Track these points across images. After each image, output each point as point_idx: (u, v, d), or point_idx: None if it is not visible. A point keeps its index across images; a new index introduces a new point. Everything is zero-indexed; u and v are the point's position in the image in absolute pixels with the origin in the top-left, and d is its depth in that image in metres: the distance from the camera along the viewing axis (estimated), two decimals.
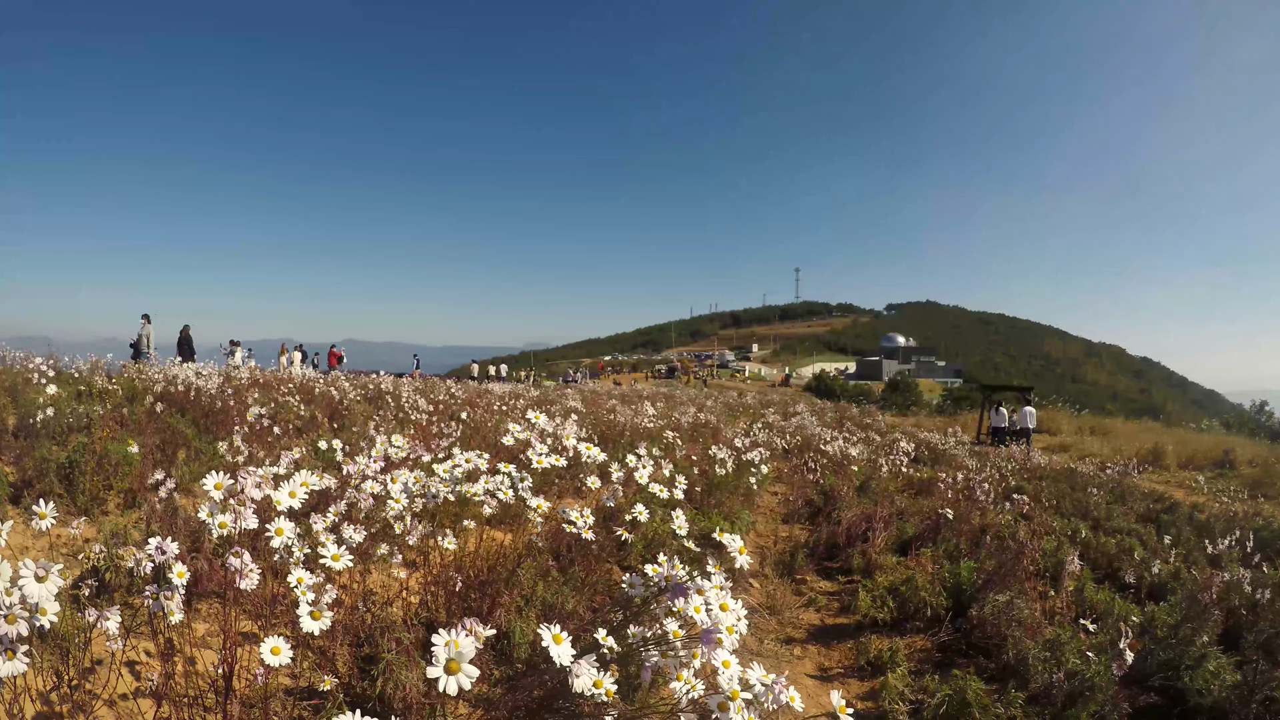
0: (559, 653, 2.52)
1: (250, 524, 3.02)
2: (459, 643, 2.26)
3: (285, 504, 3.13)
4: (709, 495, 9.12)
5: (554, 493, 8.09)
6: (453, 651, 2.25)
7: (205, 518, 3.05)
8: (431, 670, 2.23)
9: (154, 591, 2.92)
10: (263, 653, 2.68)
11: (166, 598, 2.90)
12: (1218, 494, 16.00)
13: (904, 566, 7.57)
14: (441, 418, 11.96)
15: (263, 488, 3.08)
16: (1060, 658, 5.04)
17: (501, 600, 4.42)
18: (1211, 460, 22.50)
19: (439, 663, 2.23)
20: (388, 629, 3.93)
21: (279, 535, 3.11)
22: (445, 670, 2.23)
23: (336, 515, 3.87)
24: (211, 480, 3.09)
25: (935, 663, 5.97)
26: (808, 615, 7.00)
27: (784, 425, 21.75)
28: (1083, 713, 4.54)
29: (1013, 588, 6.53)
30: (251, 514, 3.03)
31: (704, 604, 2.78)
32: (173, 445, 7.83)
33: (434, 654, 2.24)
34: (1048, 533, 9.16)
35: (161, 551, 2.97)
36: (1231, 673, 5.13)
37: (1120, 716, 4.63)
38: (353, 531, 3.71)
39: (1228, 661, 5.28)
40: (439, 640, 2.26)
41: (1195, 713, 5.04)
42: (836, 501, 10.19)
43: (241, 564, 2.93)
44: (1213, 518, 11.72)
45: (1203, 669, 5.18)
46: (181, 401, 10.06)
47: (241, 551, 2.94)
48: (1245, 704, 4.75)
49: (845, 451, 15.13)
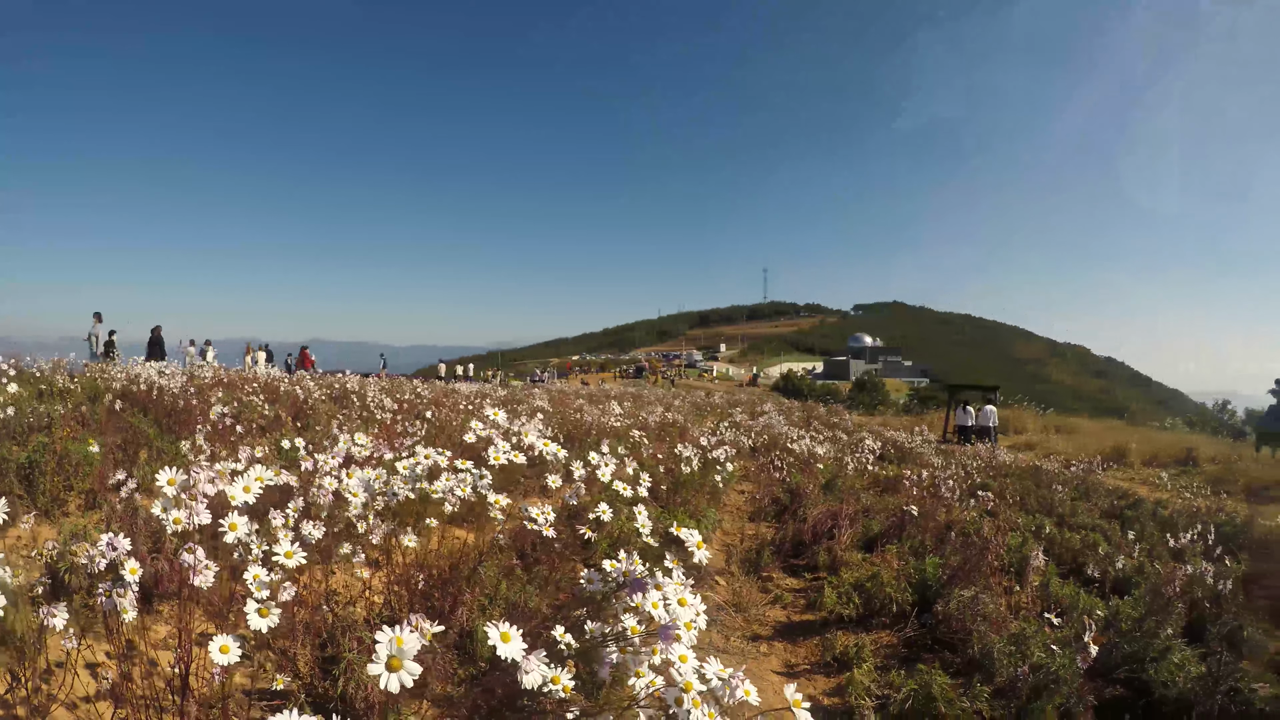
0: (507, 650, 2.48)
1: (204, 519, 2.95)
2: (402, 639, 2.21)
3: (240, 499, 3.08)
4: (675, 494, 9.10)
5: (519, 492, 8.05)
6: (394, 648, 2.20)
7: (159, 513, 2.98)
8: (373, 667, 2.19)
9: (107, 589, 2.86)
10: (212, 651, 2.62)
11: (119, 594, 2.84)
12: (1181, 490, 16.15)
13: (869, 563, 7.58)
14: (407, 417, 11.89)
15: (217, 483, 3.02)
16: (1025, 651, 5.04)
17: (464, 599, 4.38)
18: (1175, 458, 22.73)
19: (380, 659, 2.19)
20: (349, 628, 3.88)
21: (232, 530, 3.05)
22: (387, 667, 2.18)
23: (295, 512, 3.81)
24: (165, 475, 3.03)
25: (901, 658, 5.96)
26: (774, 612, 6.99)
27: (751, 424, 21.80)
28: (1048, 705, 4.54)
29: (978, 583, 6.55)
30: (205, 509, 2.96)
31: (662, 599, 2.75)
32: (134, 445, 7.74)
33: (376, 650, 2.20)
34: (1012, 529, 9.20)
35: (113, 548, 2.91)
36: (1196, 664, 5.16)
37: (1085, 709, 4.64)
38: (312, 528, 3.66)
39: (1192, 654, 5.31)
40: (383, 637, 2.21)
41: (1160, 704, 5.06)
42: (803, 499, 10.20)
43: (195, 560, 2.86)
44: (1176, 513, 11.82)
45: (1167, 661, 5.20)
46: (144, 401, 9.95)
47: (195, 547, 2.87)
48: (1210, 695, 4.77)
49: (812, 450, 15.17)
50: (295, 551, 3.19)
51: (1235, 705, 4.68)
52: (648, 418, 17.20)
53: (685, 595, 2.81)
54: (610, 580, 3.07)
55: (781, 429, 20.23)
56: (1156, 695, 5.08)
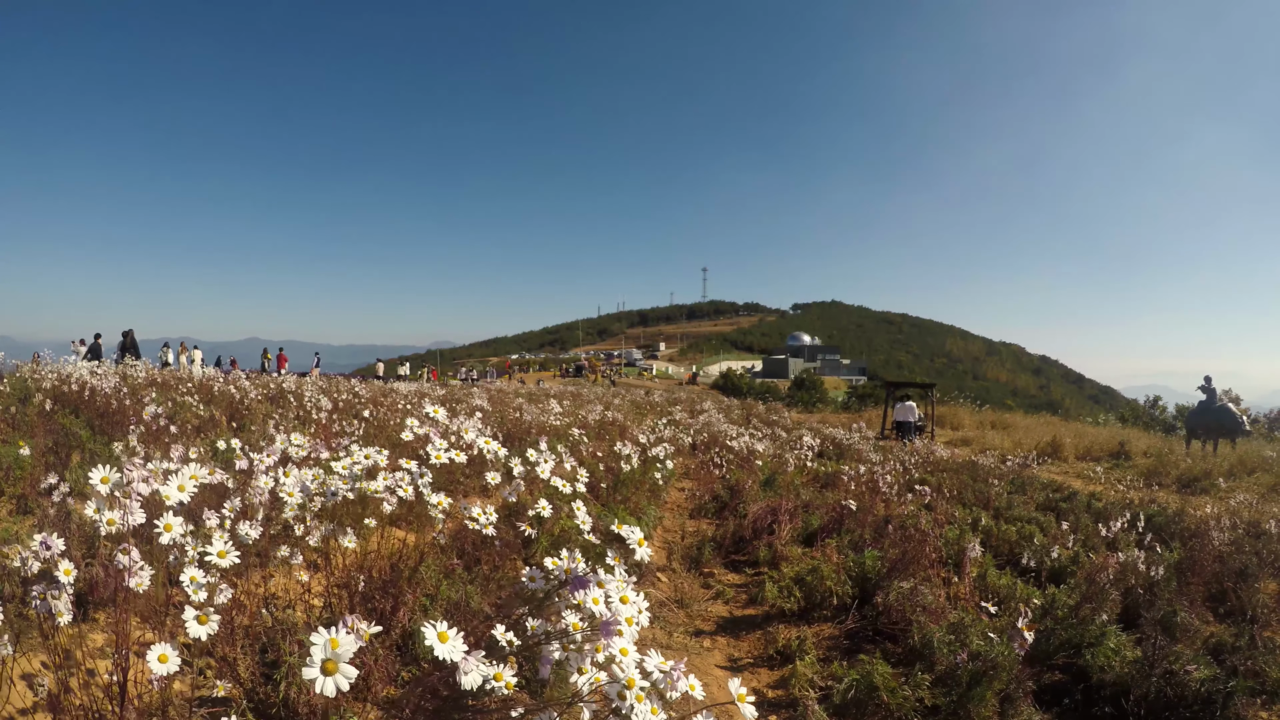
0: (445, 651, 2.44)
1: (138, 519, 2.87)
2: (338, 641, 2.15)
3: (175, 498, 3.01)
4: (615, 491, 9.09)
5: (460, 491, 7.99)
6: (329, 650, 2.14)
7: (92, 514, 2.90)
8: (308, 671, 2.12)
9: (41, 591, 2.79)
10: (150, 661, 2.53)
11: (54, 597, 2.77)
12: (1114, 483, 16.41)
13: (810, 557, 7.61)
14: (344, 416, 11.76)
15: (150, 482, 2.95)
16: (964, 640, 5.10)
17: (405, 600, 4.33)
18: (1108, 452, 23.06)
19: (315, 663, 2.12)
20: (289, 632, 3.82)
21: (168, 531, 2.97)
22: (322, 670, 2.12)
23: (231, 511, 3.75)
24: (98, 474, 2.96)
25: (843, 650, 6.00)
26: (716, 608, 7.00)
27: (691, 423, 21.86)
28: (987, 691, 4.60)
29: (917, 575, 6.61)
30: (139, 508, 2.88)
31: (603, 596, 2.74)
32: (66, 447, 7.56)
33: (311, 653, 2.13)
34: (950, 522, 9.29)
35: (47, 547, 2.84)
36: (1131, 649, 5.26)
37: (1025, 694, 4.70)
38: (248, 528, 3.59)
39: (1127, 639, 5.41)
40: (318, 639, 2.15)
41: (1098, 688, 5.15)
42: (743, 495, 10.25)
43: (130, 561, 2.79)
44: (1109, 505, 11.99)
45: (1103, 646, 5.29)
46: (75, 401, 9.76)
47: (129, 548, 2.79)
48: (1146, 678, 4.86)
49: (751, 447, 15.23)
50: (229, 551, 3.11)
51: (1171, 687, 4.77)
52: (588, 416, 17.18)
53: (627, 592, 2.80)
54: (553, 578, 3.05)
55: (721, 427, 20.30)
56: (1094, 680, 5.18)
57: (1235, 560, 7.49)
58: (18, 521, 5.66)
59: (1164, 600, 6.30)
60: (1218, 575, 7.31)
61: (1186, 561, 7.62)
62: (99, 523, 2.87)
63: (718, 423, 22.09)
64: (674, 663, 2.45)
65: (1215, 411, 21.50)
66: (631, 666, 2.47)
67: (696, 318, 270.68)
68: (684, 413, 27.01)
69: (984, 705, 4.58)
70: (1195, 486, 16.72)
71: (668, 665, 2.46)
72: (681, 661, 2.45)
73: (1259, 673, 5.13)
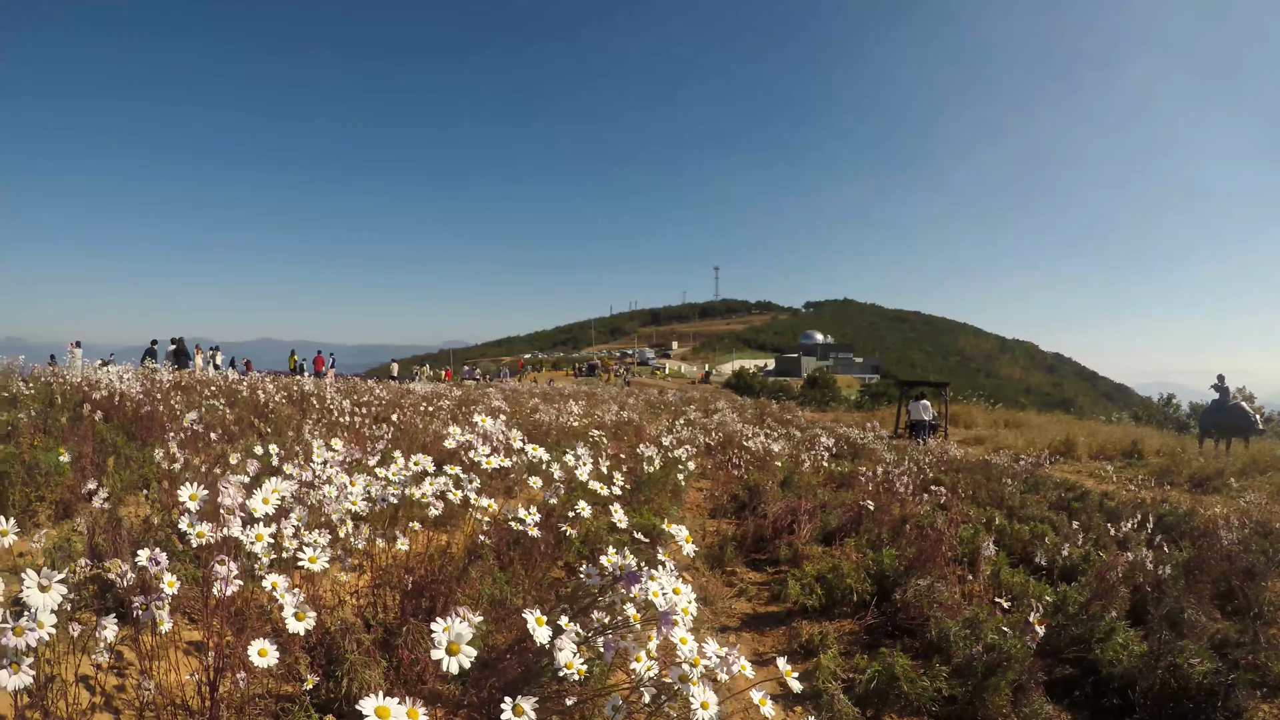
0: (541, 634, 2.77)
1: (235, 532, 3.13)
2: (456, 627, 2.55)
3: (260, 511, 3.26)
4: (638, 492, 9.27)
5: (485, 493, 8.16)
6: (452, 634, 2.54)
7: (185, 528, 3.13)
8: (435, 653, 2.52)
9: (144, 602, 3.01)
10: (250, 654, 2.82)
11: (158, 607, 3.00)
12: (1126, 482, 16.48)
13: (829, 556, 7.75)
14: (371, 420, 11.91)
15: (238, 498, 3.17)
16: (979, 633, 5.33)
17: (454, 598, 4.53)
18: (1121, 450, 23.03)
19: (440, 644, 2.52)
20: (348, 631, 4.01)
21: (259, 541, 3.22)
22: (447, 651, 2.52)
23: (299, 521, 3.95)
24: (186, 491, 3.20)
25: (863, 644, 6.19)
26: (739, 605, 7.19)
27: (706, 422, 21.93)
28: (1001, 681, 4.84)
29: (933, 573, 6.82)
30: (238, 522, 3.14)
31: (660, 589, 2.98)
32: (102, 453, 7.69)
33: (434, 638, 2.54)
34: (964, 521, 9.44)
35: (155, 562, 3.06)
36: (1138, 643, 5.48)
37: (1037, 685, 4.94)
38: (316, 535, 3.78)
39: (1135, 634, 5.63)
40: (438, 627, 2.54)
41: (1107, 681, 5.37)
42: (762, 496, 10.37)
43: (228, 570, 3.02)
44: (1121, 505, 12.09)
45: (1112, 642, 5.51)
46: (105, 407, 9.91)
47: (226, 559, 3.04)
48: (1152, 671, 5.08)
49: (768, 448, 15.33)
50: (320, 557, 3.39)
51: (1175, 680, 5.00)
52: (604, 416, 17.33)
53: (679, 584, 3.05)
54: (607, 574, 3.29)
55: (736, 427, 20.39)
56: (1103, 673, 5.40)
57: (1243, 559, 7.63)
58: (59, 527, 5.81)
59: (1171, 597, 6.49)
60: (1225, 574, 7.46)
61: (1195, 560, 7.78)
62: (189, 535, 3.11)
63: (732, 422, 22.12)
64: (728, 649, 2.72)
65: (1229, 410, 21.51)
66: (691, 653, 2.75)
67: (709, 316, 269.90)
68: (698, 412, 27.00)
69: (998, 695, 4.83)
70: (1207, 486, 16.76)
71: (724, 651, 2.74)
72: (735, 647, 2.71)
73: (1261, 667, 5.36)
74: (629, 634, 2.98)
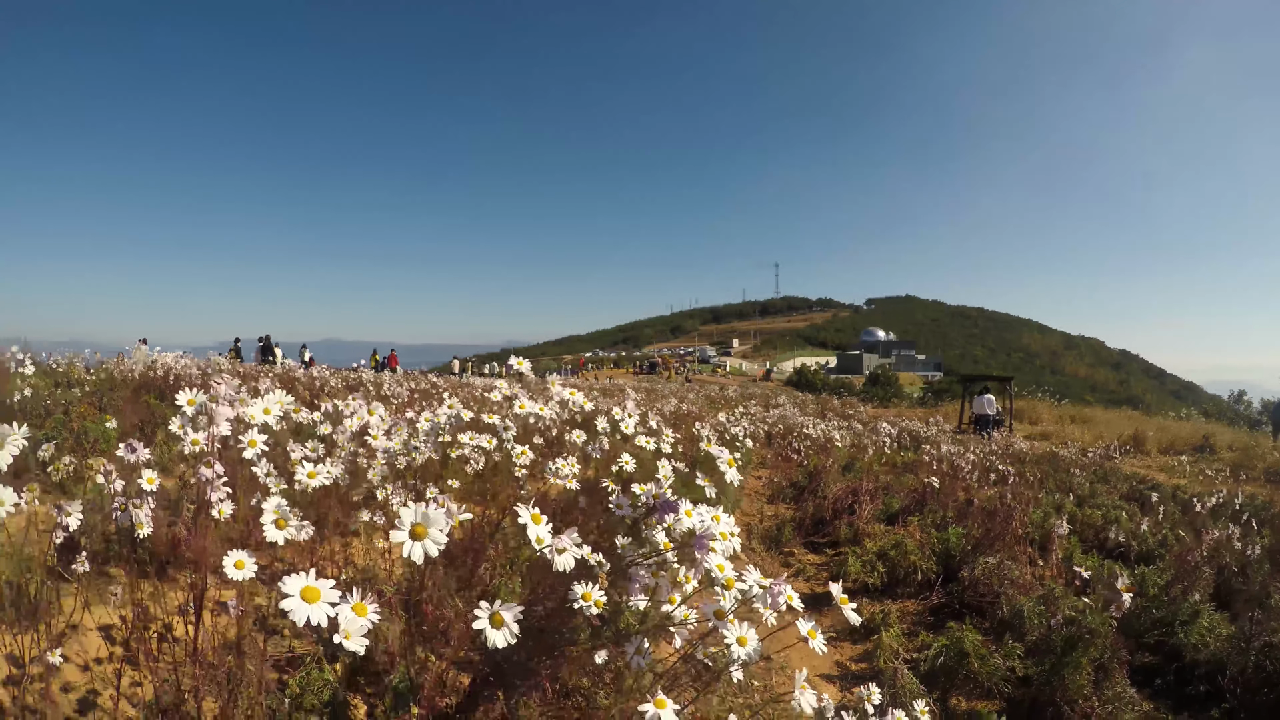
0: (537, 531, 2.37)
1: (224, 431, 2.71)
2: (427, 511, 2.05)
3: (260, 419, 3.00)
4: (693, 471, 9.06)
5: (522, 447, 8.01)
6: (419, 515, 2.04)
7: (175, 429, 2.86)
8: (395, 534, 2.02)
9: (122, 502, 2.80)
10: (226, 567, 2.36)
11: (135, 506, 2.77)
12: (1198, 475, 16.09)
13: (892, 534, 7.54)
14: (422, 400, 11.88)
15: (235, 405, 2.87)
16: (1055, 609, 5.00)
17: (487, 555, 4.33)
18: (1191, 446, 22.62)
19: (404, 525, 2.03)
20: (369, 581, 3.84)
21: (251, 447, 2.92)
22: (411, 535, 2.02)
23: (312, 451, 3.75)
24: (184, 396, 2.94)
25: (927, 624, 5.97)
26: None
27: (765, 416, 21.76)
28: (1083, 658, 4.48)
29: (1003, 551, 6.52)
30: (226, 422, 2.73)
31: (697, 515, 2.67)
32: (151, 425, 7.70)
33: (400, 518, 2.03)
34: (1034, 504, 9.14)
35: (132, 450, 2.85)
36: (1226, 625, 5.12)
37: (1120, 664, 4.58)
38: (329, 465, 3.48)
39: (1221, 618, 5.27)
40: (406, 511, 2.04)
41: (1191, 668, 5.02)
42: (822, 479, 10.18)
43: (213, 474, 2.68)
44: (1196, 496, 11.75)
45: (1197, 624, 5.18)
46: (161, 387, 9.97)
47: (213, 461, 2.70)
48: (1243, 654, 4.72)
49: (828, 434, 15.13)
50: (319, 472, 3.03)
51: (1270, 660, 4.62)
52: (663, 407, 17.21)
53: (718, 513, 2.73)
54: (640, 505, 2.97)
55: (796, 419, 20.19)
56: (1187, 659, 5.06)
57: None
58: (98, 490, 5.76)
59: (1258, 579, 6.13)
60: None
61: (1277, 546, 7.44)
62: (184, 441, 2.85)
63: (793, 415, 21.96)
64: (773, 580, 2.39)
65: None
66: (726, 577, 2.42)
67: (769, 314, 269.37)
68: (759, 407, 26.83)
69: (1079, 673, 4.46)
70: None
71: (767, 581, 2.40)
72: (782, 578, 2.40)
73: None
74: (660, 567, 2.65)
